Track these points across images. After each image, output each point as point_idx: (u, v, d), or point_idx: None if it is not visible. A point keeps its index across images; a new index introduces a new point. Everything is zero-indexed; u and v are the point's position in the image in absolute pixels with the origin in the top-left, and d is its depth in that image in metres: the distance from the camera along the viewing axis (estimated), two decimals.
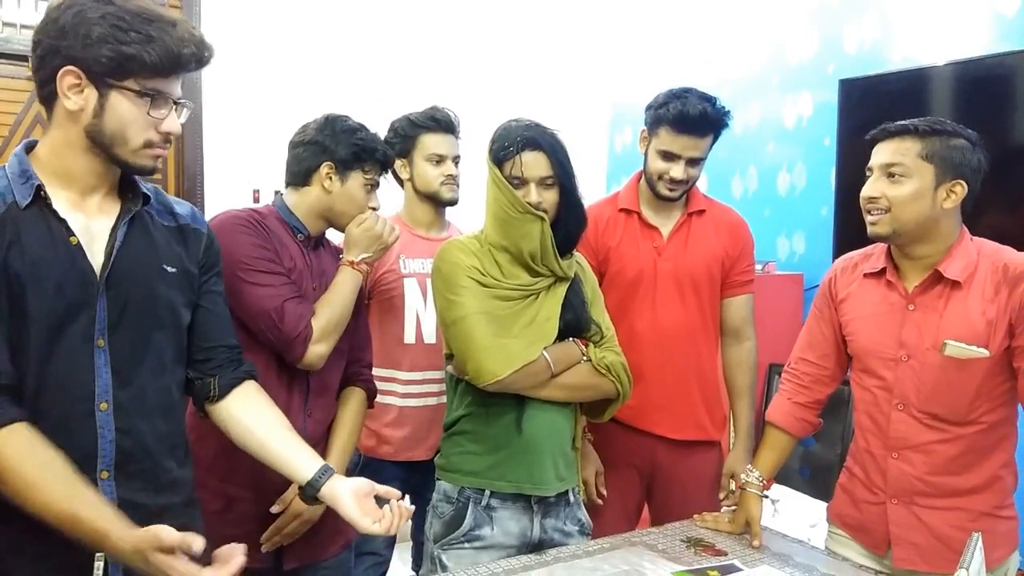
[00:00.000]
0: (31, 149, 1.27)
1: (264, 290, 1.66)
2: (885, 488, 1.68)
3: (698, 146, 2.03)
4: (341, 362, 1.84)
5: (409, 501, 1.37)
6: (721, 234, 2.16)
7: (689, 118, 1.98)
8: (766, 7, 3.55)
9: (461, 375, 1.68)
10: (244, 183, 3.46)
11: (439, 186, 2.23)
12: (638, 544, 1.74)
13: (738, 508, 1.85)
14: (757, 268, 2.48)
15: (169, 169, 3.43)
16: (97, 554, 1.15)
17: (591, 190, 2.50)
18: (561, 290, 1.72)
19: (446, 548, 1.68)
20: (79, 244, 1.23)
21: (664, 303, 2.10)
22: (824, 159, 3.22)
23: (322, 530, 1.76)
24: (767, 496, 1.95)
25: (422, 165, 2.23)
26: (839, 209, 3.01)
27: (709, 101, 2.00)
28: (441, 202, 2.27)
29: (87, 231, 1.25)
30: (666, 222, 2.14)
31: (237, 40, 3.39)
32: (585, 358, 1.72)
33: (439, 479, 1.76)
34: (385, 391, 2.16)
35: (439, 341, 2.07)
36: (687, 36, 3.95)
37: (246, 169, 3.47)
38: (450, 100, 2.37)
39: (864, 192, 1.65)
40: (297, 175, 1.80)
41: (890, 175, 1.60)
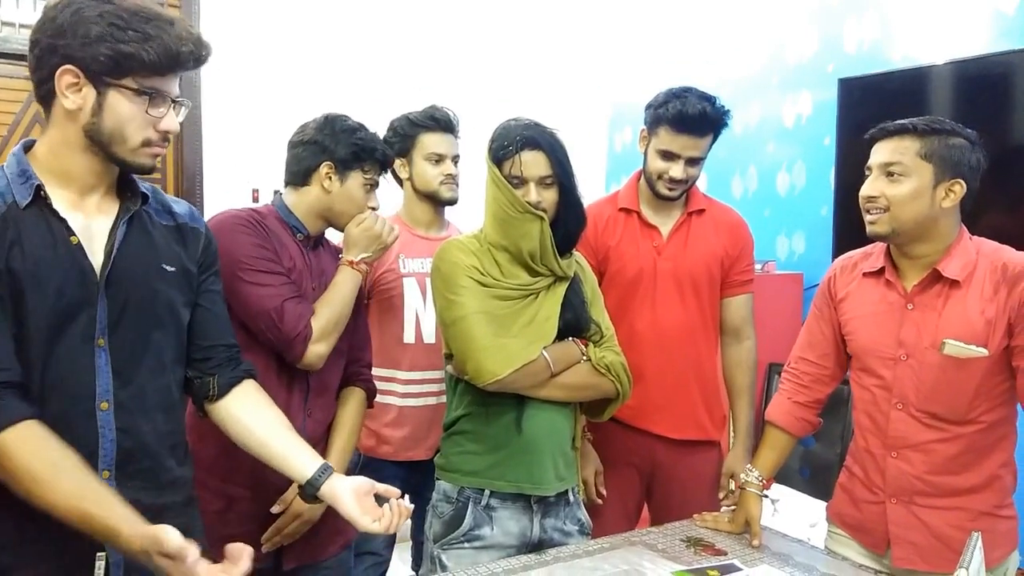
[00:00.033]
0: (29, 149, 1.27)
1: (264, 290, 1.66)
2: (884, 487, 1.68)
3: (697, 146, 2.02)
4: (341, 362, 1.84)
5: (408, 500, 1.37)
6: (721, 234, 2.16)
7: (688, 117, 1.98)
8: (766, 6, 3.55)
9: (461, 375, 1.68)
10: (243, 183, 3.46)
11: (438, 185, 2.23)
12: (638, 544, 1.74)
13: (738, 508, 1.84)
14: (757, 268, 2.49)
15: (168, 169, 3.43)
16: (99, 553, 1.16)
17: (590, 189, 2.50)
18: (561, 290, 1.71)
19: (446, 548, 1.68)
20: (80, 244, 1.23)
21: (664, 303, 2.10)
22: (824, 158, 3.22)
23: (322, 530, 1.76)
24: (767, 496, 1.95)
25: (421, 164, 2.23)
26: (839, 208, 3.01)
27: (709, 100, 2.00)
28: (440, 201, 2.27)
29: (87, 231, 1.25)
30: (666, 221, 2.14)
31: (236, 39, 3.39)
32: (585, 358, 1.72)
33: (439, 479, 1.76)
34: (385, 391, 2.16)
35: (439, 341, 2.07)
36: (687, 36, 3.95)
37: (245, 169, 3.47)
38: (450, 100, 2.37)
39: (863, 191, 1.65)
40: (296, 175, 1.80)
41: (889, 174, 1.60)
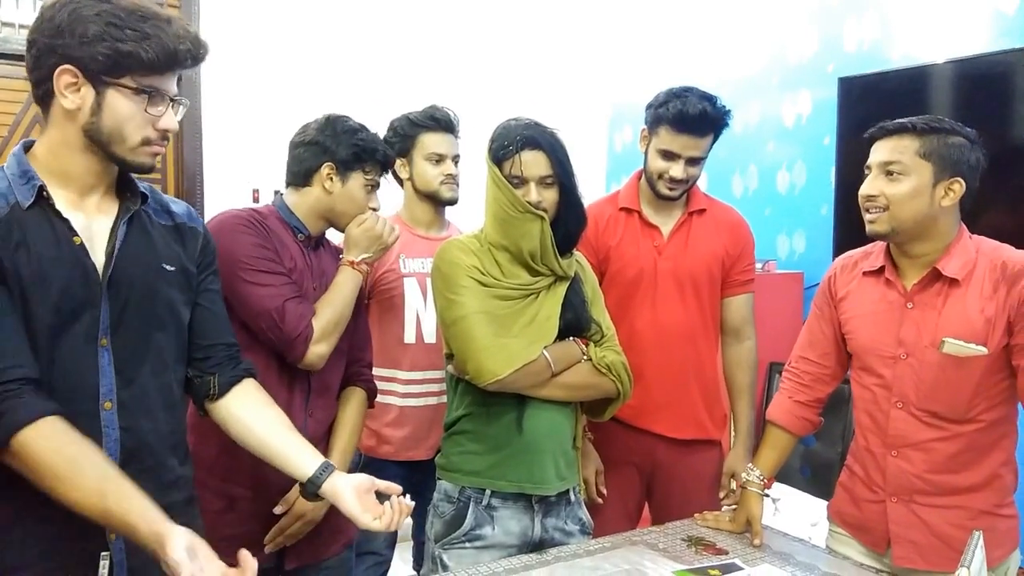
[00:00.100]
0: (28, 149, 1.27)
1: (265, 290, 1.66)
2: (884, 486, 1.68)
3: (698, 145, 2.02)
4: (341, 362, 1.84)
5: (409, 499, 1.37)
6: (722, 233, 2.15)
7: (689, 117, 1.97)
8: (766, 6, 3.55)
9: (461, 375, 1.68)
10: (244, 183, 3.46)
11: (439, 185, 2.23)
12: (639, 543, 1.74)
13: (739, 507, 1.85)
14: (757, 267, 2.48)
15: (168, 169, 3.43)
16: (103, 553, 1.16)
17: (591, 189, 2.50)
18: (561, 289, 1.72)
19: (447, 548, 1.68)
20: (82, 244, 1.23)
21: (664, 302, 2.09)
22: (824, 158, 3.22)
23: (323, 530, 1.76)
24: (768, 495, 1.95)
25: (422, 164, 2.23)
26: (839, 208, 3.01)
27: (709, 100, 2.00)
28: (441, 201, 2.27)
29: (87, 231, 1.25)
30: (666, 221, 2.14)
31: (236, 39, 3.40)
32: (585, 357, 1.71)
33: (440, 479, 1.76)
34: (385, 391, 2.16)
35: (439, 341, 2.06)
36: (687, 35, 3.95)
37: (246, 169, 3.47)
38: (450, 100, 2.37)
39: (862, 190, 1.64)
40: (298, 175, 1.80)
41: (888, 173, 1.60)
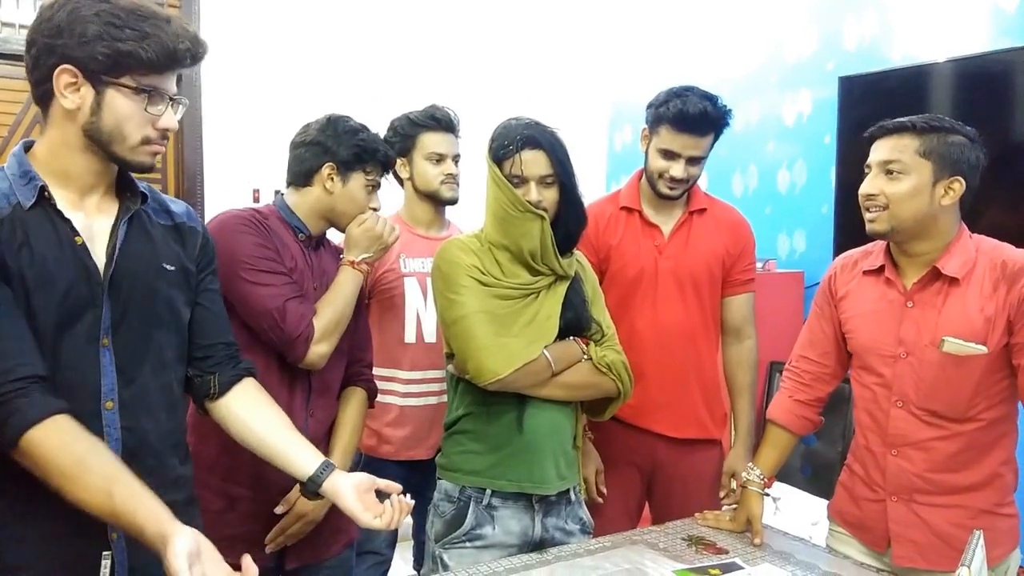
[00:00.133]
0: (28, 149, 1.27)
1: (266, 290, 1.66)
2: (884, 485, 1.68)
3: (698, 145, 2.02)
4: (342, 362, 1.84)
5: (409, 498, 1.38)
6: (722, 233, 2.15)
7: (689, 117, 1.97)
8: (765, 5, 3.54)
9: (462, 374, 1.68)
10: (244, 183, 3.46)
11: (439, 185, 2.23)
12: (639, 542, 1.74)
13: (739, 506, 1.85)
14: (758, 266, 2.48)
15: (168, 169, 3.43)
16: (104, 553, 1.17)
17: (591, 189, 2.50)
18: (561, 289, 1.72)
19: (447, 547, 1.68)
20: (84, 244, 1.23)
21: (665, 302, 2.10)
22: (824, 157, 3.22)
23: (324, 529, 1.77)
24: (768, 494, 1.95)
25: (422, 164, 2.23)
26: (839, 207, 3.00)
27: (710, 100, 2.00)
28: (441, 201, 2.27)
29: (88, 230, 1.25)
30: (667, 220, 2.14)
31: (236, 39, 3.40)
32: (586, 357, 1.72)
33: (440, 478, 1.76)
34: (386, 390, 2.16)
35: (439, 340, 2.07)
36: (687, 34, 3.95)
37: (246, 169, 3.47)
38: (450, 99, 2.37)
39: (862, 189, 1.64)
40: (298, 175, 1.80)
41: (888, 172, 1.60)
